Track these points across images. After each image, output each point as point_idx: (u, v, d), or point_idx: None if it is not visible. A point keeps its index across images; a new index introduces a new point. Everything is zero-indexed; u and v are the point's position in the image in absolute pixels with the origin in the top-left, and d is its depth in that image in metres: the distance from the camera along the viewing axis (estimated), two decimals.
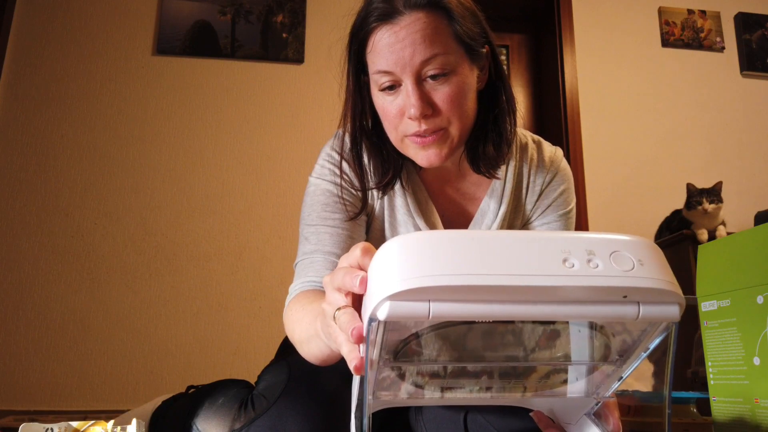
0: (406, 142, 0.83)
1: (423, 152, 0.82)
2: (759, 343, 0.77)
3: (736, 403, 0.81)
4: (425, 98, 0.78)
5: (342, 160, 0.90)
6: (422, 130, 0.79)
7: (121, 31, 2.49)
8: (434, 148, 0.81)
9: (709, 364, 0.86)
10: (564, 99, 2.77)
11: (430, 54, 0.76)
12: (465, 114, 0.81)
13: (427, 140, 0.80)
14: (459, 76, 0.79)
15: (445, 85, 0.78)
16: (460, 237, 0.41)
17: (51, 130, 2.36)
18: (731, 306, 0.83)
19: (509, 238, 0.41)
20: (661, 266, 0.42)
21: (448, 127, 0.80)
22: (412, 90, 0.77)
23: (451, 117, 0.80)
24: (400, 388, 0.56)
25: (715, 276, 0.86)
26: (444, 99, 0.78)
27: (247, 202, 2.41)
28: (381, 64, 0.78)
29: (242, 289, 2.32)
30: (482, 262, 0.39)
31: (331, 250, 0.84)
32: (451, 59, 0.78)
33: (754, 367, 0.78)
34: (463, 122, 0.82)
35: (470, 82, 0.82)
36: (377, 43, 0.78)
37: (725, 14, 3.01)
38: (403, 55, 0.76)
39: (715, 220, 2.23)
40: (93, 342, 2.19)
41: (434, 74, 0.77)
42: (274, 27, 2.58)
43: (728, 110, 2.90)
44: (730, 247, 0.85)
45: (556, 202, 0.95)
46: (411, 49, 0.76)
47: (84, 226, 2.30)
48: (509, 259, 0.40)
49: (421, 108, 0.77)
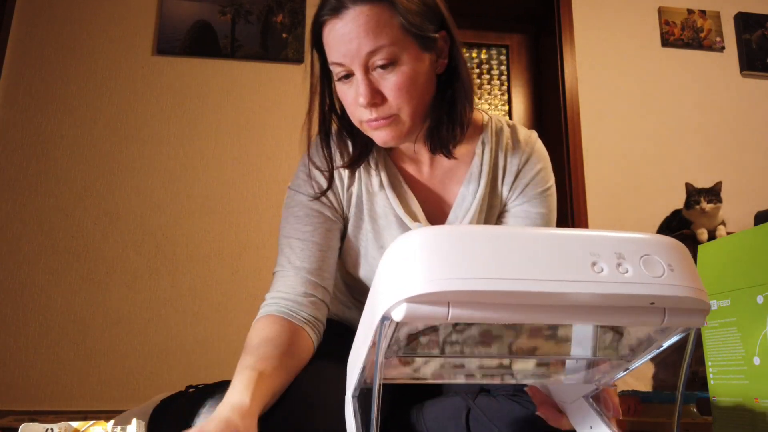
0: (364, 126, 0.88)
1: (377, 133, 0.87)
2: (759, 343, 0.77)
3: (735, 403, 0.81)
4: (373, 88, 0.83)
5: (311, 167, 0.95)
6: (373, 117, 0.85)
7: (121, 31, 2.49)
8: (387, 130, 0.86)
9: (709, 363, 0.86)
10: (564, 99, 2.77)
11: (374, 46, 0.80)
12: (414, 100, 0.85)
13: (380, 124, 0.85)
14: (407, 65, 0.83)
15: (393, 75, 0.82)
16: (485, 234, 0.39)
17: (51, 130, 2.36)
18: (731, 306, 0.83)
19: (537, 238, 0.39)
20: (690, 272, 0.40)
21: (398, 113, 0.85)
22: (361, 81, 0.82)
23: (399, 104, 0.84)
24: (401, 372, 0.56)
25: (715, 276, 0.86)
26: (392, 88, 0.83)
27: (247, 202, 2.41)
28: (333, 56, 0.84)
29: (242, 288, 2.32)
30: (508, 265, 0.37)
31: (301, 265, 0.91)
32: (397, 49, 0.82)
33: (753, 366, 0.78)
34: (413, 107, 0.85)
35: (420, 70, 0.84)
36: (327, 36, 0.84)
37: (725, 14, 3.01)
38: (350, 47, 0.81)
39: (714, 219, 2.23)
40: (93, 342, 2.19)
41: (382, 64, 0.82)
42: (274, 27, 2.58)
43: (728, 110, 2.90)
44: (729, 246, 0.85)
45: (533, 181, 0.96)
46: (357, 42, 0.80)
47: (84, 226, 2.30)
48: (536, 262, 0.38)
49: (368, 97, 0.82)
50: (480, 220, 0.96)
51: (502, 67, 3.03)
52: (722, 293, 0.84)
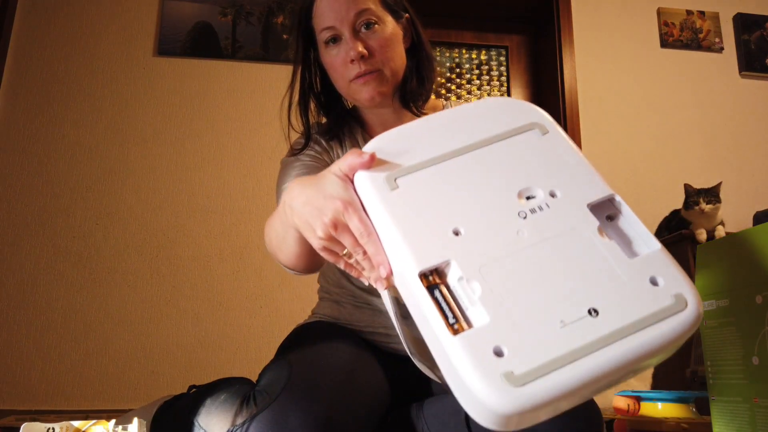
0: (351, 86, 1.00)
1: (365, 88, 0.99)
2: (758, 343, 0.78)
3: (735, 403, 0.81)
4: (362, 43, 0.98)
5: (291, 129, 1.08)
6: (362, 70, 0.98)
7: (122, 32, 2.50)
8: (373, 84, 0.99)
9: (708, 363, 0.87)
10: (563, 99, 2.78)
11: (361, 8, 0.98)
12: (395, 58, 1.01)
13: (368, 78, 0.99)
14: (387, 26, 1.01)
15: (376, 33, 0.99)
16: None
17: (52, 130, 2.37)
18: (730, 306, 0.83)
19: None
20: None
21: (382, 68, 0.99)
22: (350, 37, 0.98)
23: (383, 59, 0.99)
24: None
25: (714, 276, 0.87)
26: (377, 42, 0.99)
27: (248, 202, 2.42)
28: (324, 22, 0.99)
29: (243, 288, 2.32)
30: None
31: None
32: (379, 13, 1.00)
33: (752, 366, 0.78)
34: (395, 64, 1.01)
35: (396, 33, 1.03)
36: (319, 6, 1.00)
37: (724, 15, 3.01)
38: (340, 10, 0.97)
39: (713, 220, 2.23)
40: (94, 342, 2.20)
41: (367, 23, 0.98)
42: (274, 28, 2.59)
43: (727, 111, 2.91)
44: (728, 247, 0.85)
45: None
46: (346, 6, 0.97)
47: (85, 226, 2.30)
48: None
49: (358, 49, 0.97)
50: None
51: (501, 67, 3.04)
52: (721, 293, 0.85)
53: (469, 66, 3.00)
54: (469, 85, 3.00)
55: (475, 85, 3.00)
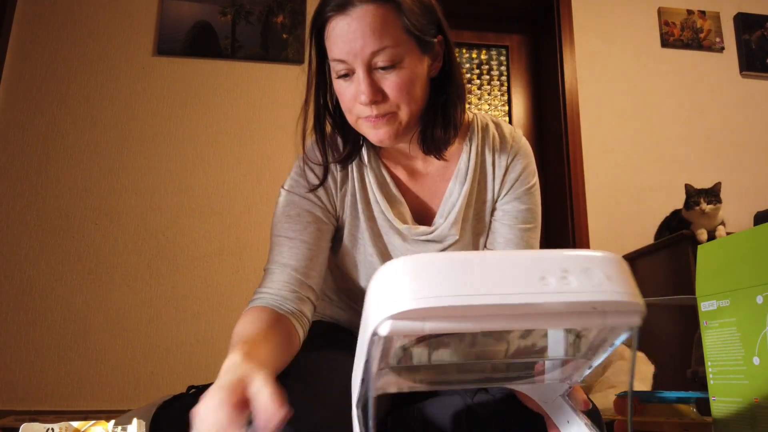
0: (359, 123, 0.89)
1: (374, 131, 0.88)
2: (758, 343, 0.77)
3: (735, 403, 0.81)
4: (375, 86, 0.84)
5: (306, 162, 0.96)
6: (373, 114, 0.86)
7: (122, 31, 2.49)
8: (385, 128, 0.87)
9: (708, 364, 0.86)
10: (564, 99, 2.77)
11: (378, 46, 0.81)
12: (413, 100, 0.87)
13: (378, 121, 0.87)
14: (408, 67, 0.84)
15: (394, 75, 0.84)
16: (451, 259, 0.47)
17: (52, 130, 2.36)
18: (731, 306, 0.83)
19: (495, 259, 0.47)
20: (624, 279, 0.47)
21: (397, 111, 0.87)
22: (363, 78, 0.83)
23: (399, 103, 0.86)
24: (398, 382, 0.62)
25: (715, 276, 0.87)
26: (392, 87, 0.84)
27: (248, 201, 2.42)
28: (336, 53, 0.84)
29: (243, 288, 2.32)
30: (470, 283, 0.45)
31: (287, 262, 0.93)
32: (400, 51, 0.83)
33: (753, 367, 0.78)
34: (411, 108, 0.87)
35: (419, 72, 0.87)
36: (331, 32, 0.84)
37: (725, 14, 3.01)
38: (354, 46, 0.82)
39: (714, 220, 2.23)
40: (94, 342, 2.20)
41: (384, 66, 0.83)
42: (274, 28, 2.59)
43: (728, 110, 2.90)
44: (729, 247, 0.85)
45: (521, 177, 0.99)
46: (361, 41, 0.81)
47: (85, 226, 2.30)
48: (494, 280, 0.45)
49: (370, 96, 0.83)
50: (467, 216, 0.98)
51: (502, 67, 3.04)
52: (722, 293, 0.84)
53: (469, 66, 3.00)
54: (470, 84, 2.99)
55: (475, 84, 2.99)
